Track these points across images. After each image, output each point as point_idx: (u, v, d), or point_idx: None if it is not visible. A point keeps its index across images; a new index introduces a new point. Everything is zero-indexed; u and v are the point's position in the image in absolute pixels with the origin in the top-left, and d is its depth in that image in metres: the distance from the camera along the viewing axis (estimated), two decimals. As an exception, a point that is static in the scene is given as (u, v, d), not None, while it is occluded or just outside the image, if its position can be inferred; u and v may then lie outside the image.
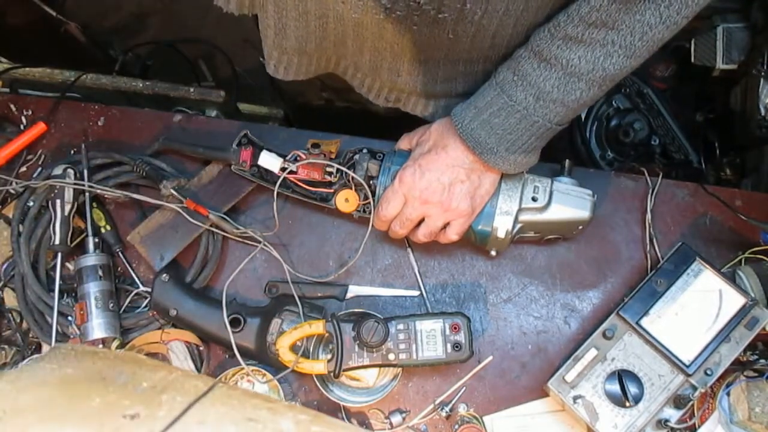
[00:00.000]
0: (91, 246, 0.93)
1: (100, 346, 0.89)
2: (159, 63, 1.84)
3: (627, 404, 0.83)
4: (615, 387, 0.85)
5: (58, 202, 0.92)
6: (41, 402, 0.36)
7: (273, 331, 0.88)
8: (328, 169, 0.90)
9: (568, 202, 0.87)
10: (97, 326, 0.89)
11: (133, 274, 0.97)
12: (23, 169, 1.02)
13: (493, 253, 0.90)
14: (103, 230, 0.96)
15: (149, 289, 0.92)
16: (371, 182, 0.88)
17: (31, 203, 0.96)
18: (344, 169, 0.88)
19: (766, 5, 1.20)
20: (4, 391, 0.37)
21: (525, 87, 0.74)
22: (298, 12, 0.77)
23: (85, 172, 0.95)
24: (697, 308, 0.86)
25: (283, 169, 0.90)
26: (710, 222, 0.98)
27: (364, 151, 0.90)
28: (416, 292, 0.96)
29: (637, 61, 0.72)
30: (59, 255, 0.92)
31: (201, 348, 0.93)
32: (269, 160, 0.91)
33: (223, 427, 0.36)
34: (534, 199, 0.86)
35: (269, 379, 0.88)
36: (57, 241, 0.92)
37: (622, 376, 0.85)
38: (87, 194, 0.94)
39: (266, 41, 0.87)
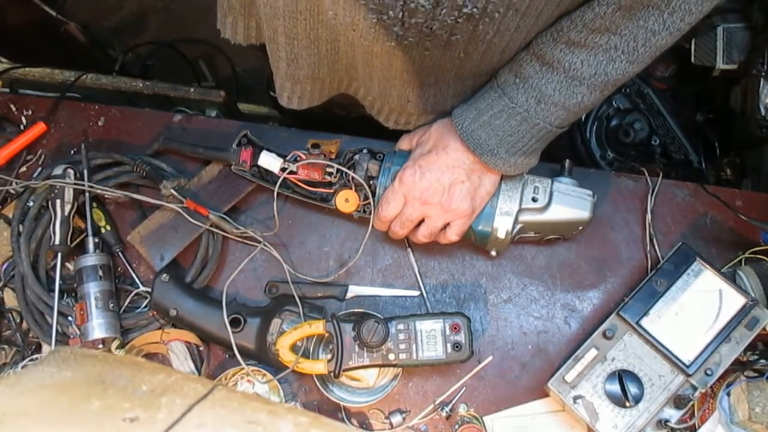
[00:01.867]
0: (91, 246, 0.93)
1: (100, 346, 0.89)
2: (159, 63, 1.83)
3: (627, 404, 0.83)
4: (615, 387, 0.85)
5: (58, 202, 0.92)
6: (41, 405, 0.36)
7: (273, 331, 0.88)
8: (328, 170, 0.90)
9: (568, 203, 0.87)
10: (98, 326, 0.89)
11: (133, 274, 0.97)
12: (23, 169, 1.02)
13: (494, 253, 0.90)
14: (103, 230, 0.96)
15: (149, 289, 0.92)
16: (371, 182, 0.88)
17: (31, 203, 0.96)
18: (344, 169, 0.88)
19: (766, 5, 1.19)
20: (3, 395, 0.37)
21: (526, 89, 0.74)
22: (310, 39, 0.76)
23: (85, 172, 0.95)
24: (698, 308, 0.86)
25: (283, 170, 0.90)
26: (710, 222, 0.98)
27: (364, 151, 0.90)
28: (416, 292, 0.96)
29: (640, 66, 0.72)
30: (59, 255, 0.92)
31: (201, 348, 0.93)
32: (269, 161, 0.91)
33: (223, 429, 0.36)
34: (534, 200, 0.86)
35: (269, 379, 0.88)
36: (57, 241, 0.92)
37: (622, 376, 0.85)
38: (87, 194, 0.94)
39: (278, 73, 0.86)
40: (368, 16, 0.65)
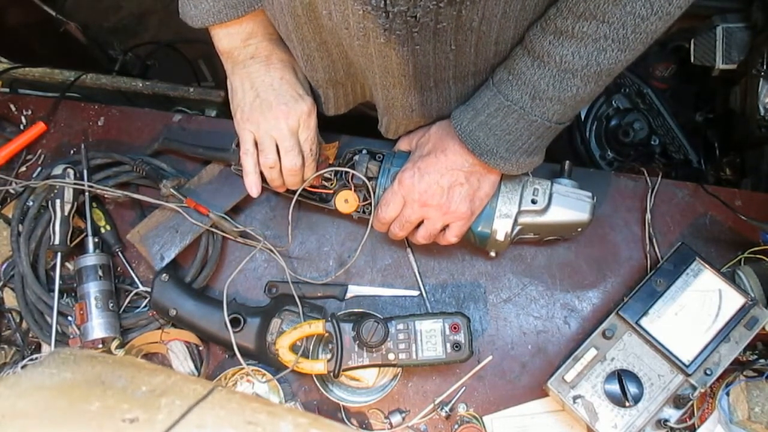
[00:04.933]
0: (90, 246, 0.93)
1: (100, 345, 0.89)
2: (159, 63, 1.84)
3: (627, 404, 0.84)
4: (615, 387, 0.85)
5: (57, 202, 0.92)
6: (40, 406, 0.36)
7: (273, 331, 0.88)
8: (327, 175, 0.90)
9: (567, 205, 0.86)
10: (97, 326, 0.89)
11: (133, 274, 0.97)
12: (23, 168, 1.02)
13: (493, 254, 0.90)
14: (102, 230, 0.96)
15: (149, 289, 0.92)
16: (371, 183, 0.88)
17: (31, 203, 0.96)
18: (345, 168, 0.88)
19: (766, 5, 1.20)
20: (2, 396, 0.37)
21: (520, 86, 0.73)
22: (317, 42, 0.77)
23: (85, 172, 0.95)
24: (697, 308, 0.86)
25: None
26: (710, 222, 0.98)
27: (364, 152, 0.90)
28: (416, 292, 0.96)
29: (632, 54, 0.70)
30: (59, 255, 0.92)
31: (201, 348, 0.93)
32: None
33: (223, 430, 0.36)
34: (533, 202, 0.85)
35: (269, 379, 0.88)
36: (57, 241, 0.92)
37: (621, 376, 0.85)
38: (87, 194, 0.94)
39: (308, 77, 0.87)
40: (354, 8, 0.65)
